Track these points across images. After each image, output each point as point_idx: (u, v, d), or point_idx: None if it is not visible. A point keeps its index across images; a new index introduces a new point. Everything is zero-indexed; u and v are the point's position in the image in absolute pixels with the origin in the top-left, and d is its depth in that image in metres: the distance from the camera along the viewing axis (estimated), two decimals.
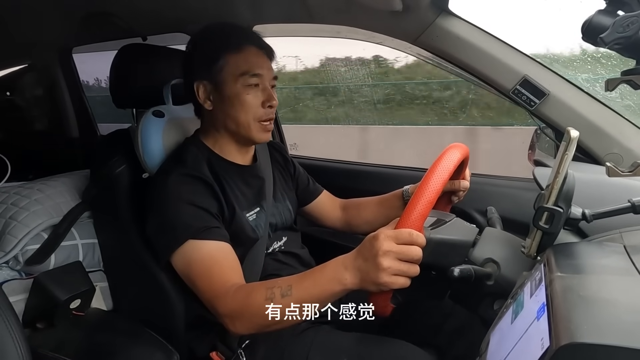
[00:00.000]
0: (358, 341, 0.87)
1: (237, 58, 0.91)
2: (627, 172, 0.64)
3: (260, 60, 0.93)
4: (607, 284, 0.48)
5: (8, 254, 1.00)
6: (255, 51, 0.92)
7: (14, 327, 0.65)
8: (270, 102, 0.92)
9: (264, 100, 0.92)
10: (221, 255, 0.82)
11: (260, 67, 0.92)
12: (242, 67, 0.90)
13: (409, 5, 0.98)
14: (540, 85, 1.02)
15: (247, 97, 0.90)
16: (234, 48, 0.91)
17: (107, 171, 1.03)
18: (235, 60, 0.90)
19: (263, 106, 0.92)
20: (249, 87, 0.90)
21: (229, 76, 0.90)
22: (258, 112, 0.92)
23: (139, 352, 0.95)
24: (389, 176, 1.51)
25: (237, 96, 0.90)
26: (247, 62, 0.91)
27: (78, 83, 1.89)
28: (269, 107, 0.92)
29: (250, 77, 0.90)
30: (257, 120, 0.92)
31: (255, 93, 0.91)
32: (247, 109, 0.91)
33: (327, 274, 0.69)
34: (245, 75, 0.90)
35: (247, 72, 0.90)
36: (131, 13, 1.29)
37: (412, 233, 0.64)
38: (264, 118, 0.93)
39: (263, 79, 0.92)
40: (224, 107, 0.92)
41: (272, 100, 0.92)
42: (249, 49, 0.92)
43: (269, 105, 0.92)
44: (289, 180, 1.13)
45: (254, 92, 0.91)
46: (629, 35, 0.58)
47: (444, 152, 0.74)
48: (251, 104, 0.91)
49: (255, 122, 0.92)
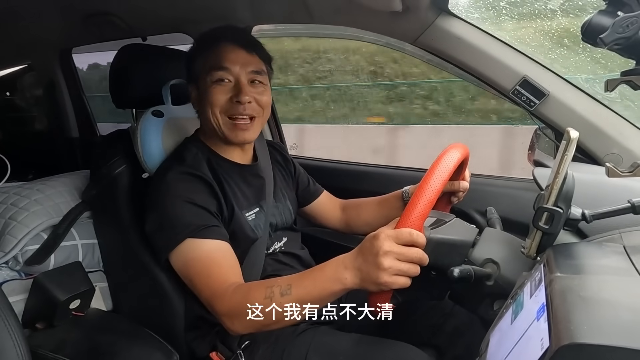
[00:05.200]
0: (357, 342, 0.87)
1: (209, 55, 0.91)
2: (627, 173, 0.64)
3: (233, 55, 0.90)
4: (606, 284, 0.48)
5: (8, 254, 1.00)
6: (229, 47, 0.91)
7: (13, 327, 0.65)
8: (239, 98, 0.88)
9: (232, 95, 0.89)
10: (220, 254, 0.82)
11: (231, 61, 0.89)
12: (211, 62, 0.90)
13: (408, 5, 0.98)
14: (540, 85, 1.02)
15: (213, 91, 0.89)
16: (208, 46, 0.92)
17: (107, 171, 1.03)
18: (207, 57, 0.91)
19: (231, 101, 0.90)
20: (216, 82, 0.89)
21: (202, 74, 0.91)
22: (225, 106, 0.90)
23: (139, 352, 0.95)
24: (388, 177, 1.51)
25: (205, 92, 0.91)
26: (217, 57, 0.90)
27: (78, 83, 1.89)
28: (237, 102, 0.89)
29: (217, 70, 0.89)
30: (225, 115, 0.90)
31: (222, 88, 0.89)
32: (213, 103, 0.89)
33: (326, 273, 0.69)
34: (213, 70, 0.89)
35: (214, 67, 0.89)
36: (131, 13, 1.29)
37: (413, 233, 0.64)
38: (232, 113, 0.90)
39: (234, 74, 0.90)
40: (200, 106, 0.93)
41: (240, 95, 0.88)
42: (223, 45, 0.91)
43: (237, 101, 0.89)
44: (289, 180, 1.13)
45: (221, 87, 0.89)
46: (629, 36, 0.58)
47: (444, 151, 0.74)
48: (217, 99, 0.89)
49: (224, 117, 0.90)
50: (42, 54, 1.80)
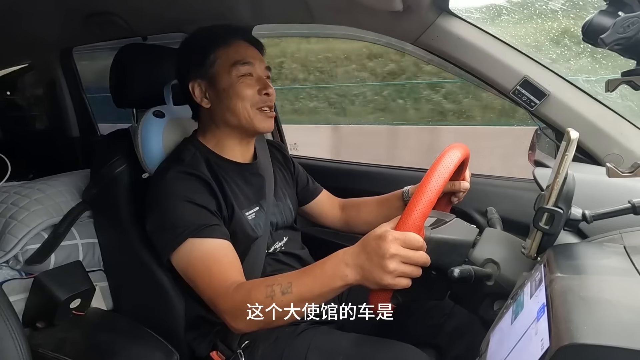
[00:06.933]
0: (357, 342, 0.87)
1: (228, 51, 0.93)
2: (627, 173, 0.64)
3: (250, 51, 0.95)
4: (607, 284, 0.48)
5: (8, 254, 1.00)
6: (244, 44, 0.95)
7: (14, 326, 0.65)
8: (267, 90, 0.93)
9: (260, 88, 0.93)
10: (221, 253, 0.82)
11: (251, 57, 0.94)
12: (233, 58, 0.92)
13: (409, 5, 0.98)
14: (541, 85, 1.02)
15: (241, 86, 0.92)
16: (223, 43, 0.93)
17: (107, 171, 1.03)
18: (225, 53, 0.92)
19: (259, 94, 0.93)
20: (242, 76, 0.92)
21: (222, 69, 0.92)
22: (255, 99, 0.93)
23: (139, 351, 0.95)
24: (388, 176, 1.51)
25: (232, 87, 0.91)
26: (237, 53, 0.93)
27: (78, 83, 1.89)
28: (266, 94, 0.93)
29: (242, 65, 0.92)
30: (255, 107, 0.93)
31: (250, 82, 0.93)
32: (243, 97, 0.92)
33: (327, 270, 0.69)
34: (237, 64, 0.92)
35: (239, 62, 0.92)
36: (132, 13, 1.29)
37: (420, 239, 0.64)
38: (262, 105, 0.94)
39: (255, 69, 0.94)
40: (222, 101, 0.93)
41: (267, 87, 0.94)
42: (238, 42, 0.95)
43: (265, 93, 0.93)
44: (289, 179, 1.14)
45: (248, 81, 0.92)
46: (630, 36, 0.58)
47: (444, 151, 0.74)
48: (247, 92, 0.92)
49: (254, 110, 0.93)
50: (43, 54, 1.81)
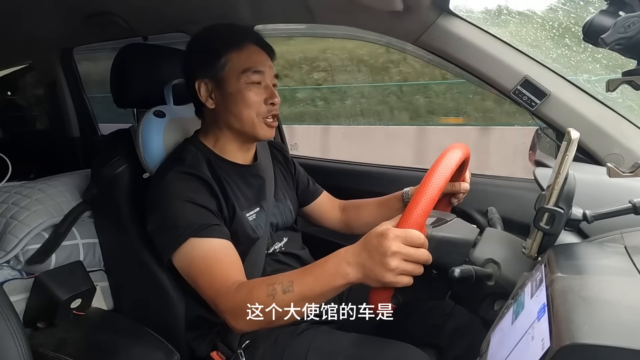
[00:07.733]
0: (357, 342, 0.87)
1: (240, 55, 0.91)
2: (628, 173, 0.64)
3: (262, 58, 0.94)
4: (607, 284, 0.48)
5: (9, 254, 1.00)
6: (256, 49, 0.94)
7: (14, 326, 0.65)
8: (273, 100, 0.93)
9: (267, 97, 0.93)
10: (222, 252, 0.82)
11: (262, 64, 0.93)
12: (245, 64, 0.91)
13: (409, 5, 0.98)
14: (541, 85, 1.02)
15: (249, 93, 0.91)
16: (235, 46, 0.92)
17: (108, 171, 1.03)
18: (237, 57, 0.91)
19: (265, 103, 0.93)
20: (251, 84, 0.91)
21: (232, 73, 0.91)
22: (261, 108, 0.92)
23: (140, 351, 0.95)
24: (388, 177, 1.51)
25: (239, 93, 0.91)
26: (250, 59, 0.92)
27: (79, 83, 1.89)
28: (271, 104, 0.93)
29: (253, 74, 0.91)
30: (260, 116, 0.93)
31: (258, 90, 0.92)
32: (250, 105, 0.91)
33: (328, 269, 0.68)
34: (248, 72, 0.91)
35: (250, 69, 0.91)
36: (132, 13, 1.29)
37: (422, 236, 0.64)
38: (267, 115, 0.93)
39: (265, 77, 0.93)
40: (227, 105, 0.92)
41: (274, 97, 0.93)
42: (251, 47, 0.93)
43: (271, 103, 0.93)
44: (289, 180, 1.13)
45: (256, 89, 0.92)
46: (630, 36, 0.57)
47: (445, 150, 0.74)
48: (254, 101, 0.91)
49: (258, 118, 0.93)
50: (44, 54, 1.81)
